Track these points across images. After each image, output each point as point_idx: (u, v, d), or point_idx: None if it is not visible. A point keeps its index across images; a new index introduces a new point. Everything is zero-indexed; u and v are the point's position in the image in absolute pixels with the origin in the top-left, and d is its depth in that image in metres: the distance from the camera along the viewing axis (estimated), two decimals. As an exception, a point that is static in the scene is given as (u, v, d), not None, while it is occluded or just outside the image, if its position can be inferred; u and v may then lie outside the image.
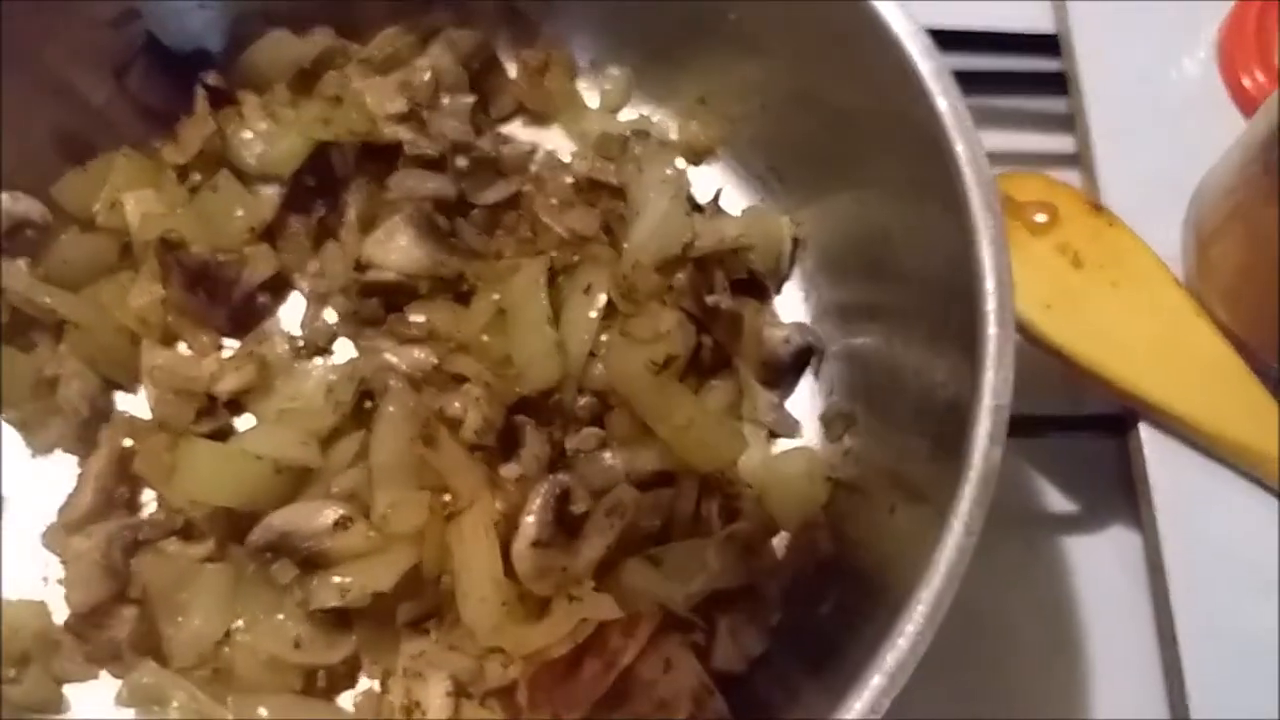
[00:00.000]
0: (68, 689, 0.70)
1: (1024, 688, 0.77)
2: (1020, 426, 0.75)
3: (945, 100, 0.63)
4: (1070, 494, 0.82)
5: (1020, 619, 0.79)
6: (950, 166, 0.62)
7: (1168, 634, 0.73)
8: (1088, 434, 0.81)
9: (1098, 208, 0.79)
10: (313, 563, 0.67)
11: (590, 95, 0.87)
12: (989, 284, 0.58)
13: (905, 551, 0.58)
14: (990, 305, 0.57)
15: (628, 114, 0.86)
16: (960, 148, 0.62)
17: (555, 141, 0.86)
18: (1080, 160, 0.90)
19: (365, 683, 0.69)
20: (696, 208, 0.78)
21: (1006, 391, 0.55)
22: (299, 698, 0.67)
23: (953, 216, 0.61)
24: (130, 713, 0.69)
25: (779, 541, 0.73)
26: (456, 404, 0.71)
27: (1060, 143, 0.93)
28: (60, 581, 0.71)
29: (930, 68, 0.64)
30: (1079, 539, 0.81)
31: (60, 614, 0.70)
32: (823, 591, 0.68)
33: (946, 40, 0.87)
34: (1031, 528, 0.81)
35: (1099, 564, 0.80)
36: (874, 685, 0.51)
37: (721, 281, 0.75)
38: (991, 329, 0.57)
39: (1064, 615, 0.79)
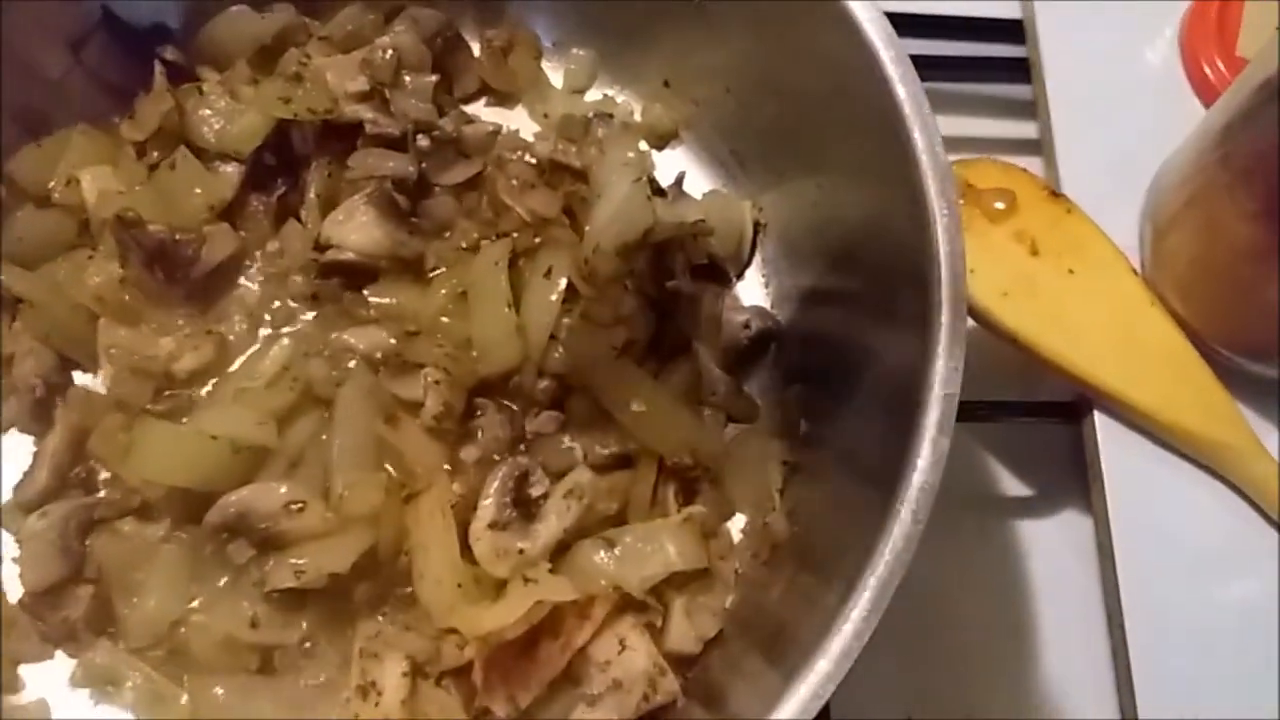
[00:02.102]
0: (23, 669, 0.70)
1: (974, 665, 0.79)
2: (974, 412, 0.77)
3: (904, 88, 0.63)
4: (1023, 478, 0.84)
5: (972, 599, 0.80)
6: (907, 154, 0.62)
7: (1115, 617, 0.74)
8: (1042, 419, 0.82)
9: (1056, 195, 0.80)
10: (270, 544, 0.67)
11: (555, 76, 0.86)
12: (943, 273, 0.59)
13: (855, 538, 0.59)
14: (943, 295, 0.58)
15: (592, 95, 0.86)
16: (917, 135, 0.62)
17: (519, 122, 0.85)
18: (1042, 147, 0.90)
19: (322, 662, 0.69)
20: (659, 191, 0.78)
21: (956, 381, 0.56)
22: (255, 677, 0.67)
23: (909, 204, 0.61)
24: (85, 692, 0.69)
25: (734, 524, 0.74)
26: (415, 388, 0.71)
27: (1022, 129, 0.94)
28: (15, 560, 0.70)
29: (890, 55, 0.64)
30: (1031, 522, 0.82)
31: (15, 593, 0.70)
32: (776, 574, 0.69)
33: (911, 24, 0.89)
34: (984, 511, 0.83)
35: (1050, 547, 0.81)
36: (819, 670, 0.51)
37: (682, 266, 0.75)
38: (944, 318, 0.57)
39: (1015, 596, 0.81)
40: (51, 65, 0.79)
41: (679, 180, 0.80)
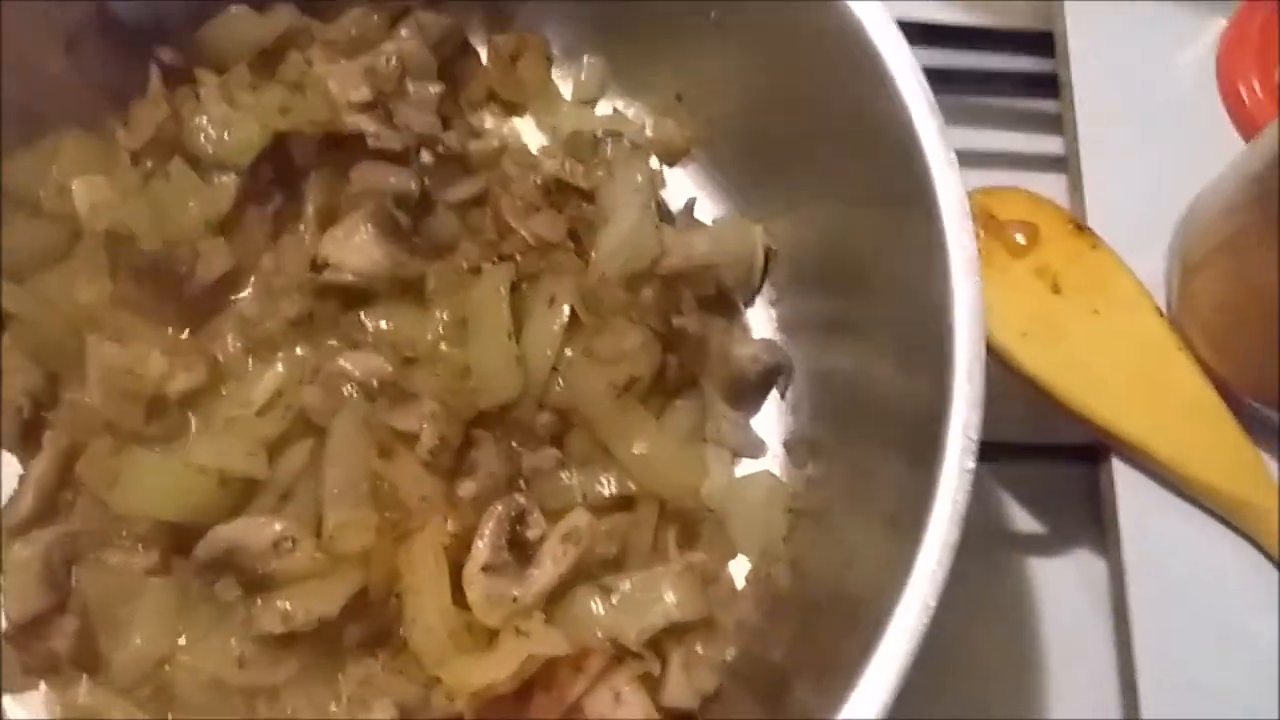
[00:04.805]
0: (5, 699, 0.68)
1: (980, 707, 0.76)
2: (988, 452, 0.75)
3: (916, 107, 0.60)
4: (1035, 514, 0.81)
5: (982, 640, 0.78)
6: (927, 194, 0.59)
7: (1127, 677, 0.72)
8: (1057, 462, 0.79)
9: (1080, 228, 0.77)
10: (258, 584, 0.65)
11: (564, 85, 0.83)
12: (959, 333, 0.56)
13: (866, 593, 0.57)
14: (959, 359, 0.55)
15: (602, 108, 0.83)
16: (932, 163, 0.59)
17: (525, 131, 0.82)
18: (1067, 165, 0.87)
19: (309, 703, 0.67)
20: (667, 216, 0.75)
21: (971, 453, 0.54)
22: (241, 720, 0.66)
23: (924, 236, 0.59)
24: (68, 730, 0.67)
25: (737, 568, 0.72)
26: (412, 419, 0.68)
27: (1048, 144, 0.90)
28: (-1, 589, 0.69)
29: (901, 68, 0.61)
30: (1044, 561, 0.80)
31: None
32: (778, 627, 0.67)
33: (937, 35, 0.86)
34: (996, 549, 0.80)
35: (1063, 587, 0.79)
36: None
37: (689, 301, 0.72)
38: (958, 381, 0.55)
39: (1026, 637, 0.78)
40: (47, 63, 0.76)
41: (689, 207, 0.77)
